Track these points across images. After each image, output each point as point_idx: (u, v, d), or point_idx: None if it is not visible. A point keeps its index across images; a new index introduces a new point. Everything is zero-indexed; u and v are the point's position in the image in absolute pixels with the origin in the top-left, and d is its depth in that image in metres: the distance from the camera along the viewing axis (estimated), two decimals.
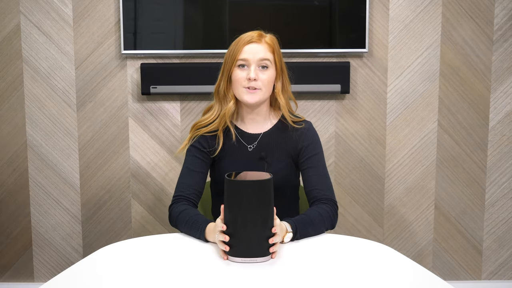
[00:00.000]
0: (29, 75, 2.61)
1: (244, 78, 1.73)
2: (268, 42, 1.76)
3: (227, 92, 1.78)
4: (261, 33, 1.78)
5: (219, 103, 1.80)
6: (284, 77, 1.81)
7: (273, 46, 1.77)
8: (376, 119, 2.67)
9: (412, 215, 2.73)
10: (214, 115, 1.80)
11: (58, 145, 2.66)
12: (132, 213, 2.71)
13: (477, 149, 2.70)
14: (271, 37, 1.79)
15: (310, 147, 1.80)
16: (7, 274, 2.74)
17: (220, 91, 1.79)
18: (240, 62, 1.74)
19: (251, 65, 1.73)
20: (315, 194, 1.76)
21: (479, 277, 2.78)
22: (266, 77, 1.74)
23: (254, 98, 1.73)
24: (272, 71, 1.76)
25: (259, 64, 1.73)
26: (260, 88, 1.73)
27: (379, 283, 1.33)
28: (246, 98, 1.73)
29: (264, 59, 1.73)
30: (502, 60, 2.64)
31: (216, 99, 1.81)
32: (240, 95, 1.75)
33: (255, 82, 1.72)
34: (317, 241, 1.61)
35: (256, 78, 1.72)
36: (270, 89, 1.77)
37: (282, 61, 1.80)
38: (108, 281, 1.35)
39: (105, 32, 2.59)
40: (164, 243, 1.62)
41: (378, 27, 2.61)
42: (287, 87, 1.82)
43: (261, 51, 1.74)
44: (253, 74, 1.71)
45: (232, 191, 1.43)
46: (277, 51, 1.78)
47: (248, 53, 1.73)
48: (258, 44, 1.75)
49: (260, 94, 1.73)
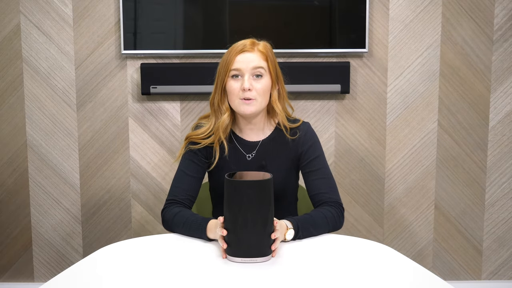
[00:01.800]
0: (29, 75, 2.61)
1: (238, 89, 1.69)
2: (261, 50, 1.72)
3: (221, 104, 1.74)
4: (254, 41, 1.74)
5: (214, 115, 1.77)
6: (280, 84, 1.78)
7: (266, 54, 1.73)
8: (376, 119, 2.67)
9: (412, 215, 2.73)
10: (210, 129, 1.76)
11: (58, 145, 2.66)
12: (132, 213, 2.71)
13: (477, 149, 2.70)
14: (264, 45, 1.75)
15: (310, 150, 1.78)
16: (7, 274, 2.74)
17: (214, 103, 1.76)
18: (233, 72, 1.70)
19: (244, 75, 1.69)
20: (320, 197, 1.74)
21: (479, 277, 2.78)
22: (261, 86, 1.70)
23: (250, 109, 1.69)
24: (267, 79, 1.72)
25: (252, 73, 1.70)
26: (255, 99, 1.69)
27: (379, 283, 1.33)
28: (242, 109, 1.70)
29: (257, 67, 1.70)
30: (502, 60, 2.64)
31: (211, 110, 1.78)
32: (237, 107, 1.71)
33: (250, 93, 1.68)
34: (317, 241, 1.61)
35: (251, 88, 1.68)
36: (266, 98, 1.73)
37: (278, 68, 1.76)
38: (108, 281, 1.35)
39: (105, 32, 2.59)
40: (164, 243, 1.62)
41: (378, 27, 2.61)
42: (284, 94, 1.79)
43: (254, 59, 1.70)
44: (247, 84, 1.68)
45: (232, 191, 1.43)
46: (271, 59, 1.74)
47: (241, 63, 1.70)
48: (250, 53, 1.71)
49: (256, 104, 1.70)
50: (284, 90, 1.79)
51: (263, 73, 1.71)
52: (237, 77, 1.71)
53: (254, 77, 1.70)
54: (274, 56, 1.77)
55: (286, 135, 1.77)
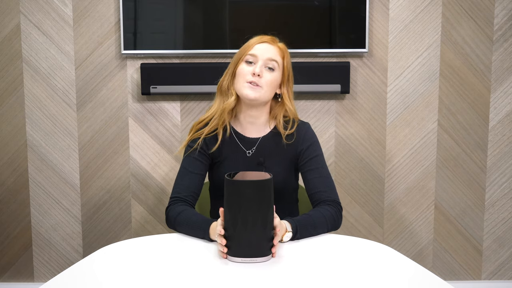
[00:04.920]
0: (29, 75, 2.61)
1: (248, 73, 1.72)
2: (280, 47, 1.78)
3: (230, 86, 1.77)
4: (275, 38, 1.80)
5: (220, 98, 1.79)
6: (289, 86, 1.81)
7: (284, 52, 1.78)
8: (376, 119, 2.67)
9: (412, 215, 2.73)
10: (213, 111, 1.79)
11: (58, 145, 2.66)
12: (132, 213, 2.71)
13: (477, 149, 2.70)
14: (284, 45, 1.80)
15: (309, 149, 1.80)
16: (7, 274, 2.74)
17: (223, 85, 1.78)
18: (248, 58, 1.74)
19: (258, 62, 1.73)
20: (319, 196, 1.75)
21: (479, 277, 2.78)
22: (270, 78, 1.73)
23: (254, 93, 1.71)
24: (278, 74, 1.75)
25: (266, 64, 1.73)
26: (261, 86, 1.72)
27: (379, 283, 1.33)
28: (246, 92, 1.72)
29: (272, 59, 1.73)
30: (502, 60, 2.64)
31: (218, 93, 1.81)
32: (241, 89, 1.73)
33: (258, 78, 1.71)
34: (317, 241, 1.61)
35: (260, 75, 1.71)
36: (271, 91, 1.75)
37: (291, 71, 1.80)
38: (108, 281, 1.35)
39: (105, 32, 2.59)
40: (164, 243, 1.62)
41: (378, 27, 2.61)
42: (290, 97, 1.82)
43: (272, 51, 1.74)
44: (258, 69, 1.71)
45: (232, 191, 1.43)
46: (287, 59, 1.78)
47: (259, 50, 1.74)
48: (269, 45, 1.76)
49: (261, 92, 1.72)
50: (291, 94, 1.82)
51: (275, 68, 1.74)
52: (251, 63, 1.74)
53: (266, 68, 1.74)
54: (290, 59, 1.80)
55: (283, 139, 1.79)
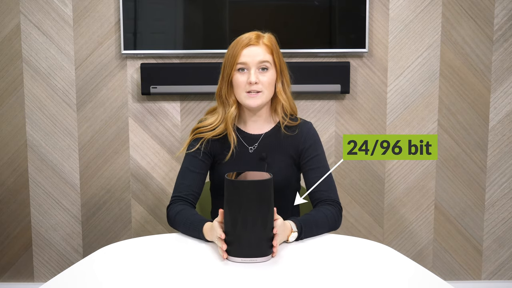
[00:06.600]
0: (29, 75, 2.61)
1: (244, 83, 1.72)
2: (266, 43, 1.75)
3: (228, 96, 1.77)
4: (259, 34, 1.77)
5: (222, 107, 1.80)
6: (284, 77, 1.80)
7: (271, 47, 1.75)
8: (376, 119, 2.67)
9: (412, 215, 2.73)
10: (219, 120, 1.79)
11: (58, 145, 2.66)
12: (132, 213, 2.71)
13: (477, 149, 2.70)
14: (269, 37, 1.77)
15: (311, 148, 1.80)
16: (7, 274, 2.74)
17: (222, 95, 1.79)
18: (239, 66, 1.73)
19: (251, 69, 1.72)
20: (319, 196, 1.76)
21: (479, 277, 2.78)
22: (267, 79, 1.73)
23: (256, 102, 1.73)
24: (272, 72, 1.75)
25: (258, 67, 1.73)
26: (261, 91, 1.72)
27: (379, 283, 1.33)
28: (248, 102, 1.73)
29: (263, 61, 1.73)
30: (502, 60, 2.64)
31: (218, 102, 1.81)
32: (242, 100, 1.74)
33: (256, 86, 1.71)
34: (317, 241, 1.61)
35: (257, 82, 1.71)
36: (271, 90, 1.76)
37: (282, 60, 1.79)
38: (108, 281, 1.35)
39: (105, 32, 2.59)
40: (164, 243, 1.62)
41: (378, 27, 2.61)
42: (287, 87, 1.81)
43: (260, 53, 1.73)
44: (254, 78, 1.70)
45: (232, 191, 1.43)
46: (276, 51, 1.76)
47: (247, 57, 1.72)
48: (256, 47, 1.73)
49: (262, 97, 1.73)
50: (288, 83, 1.81)
51: (268, 66, 1.74)
52: (243, 70, 1.73)
53: (260, 71, 1.73)
54: (279, 48, 1.79)
55: (282, 129, 1.79)
